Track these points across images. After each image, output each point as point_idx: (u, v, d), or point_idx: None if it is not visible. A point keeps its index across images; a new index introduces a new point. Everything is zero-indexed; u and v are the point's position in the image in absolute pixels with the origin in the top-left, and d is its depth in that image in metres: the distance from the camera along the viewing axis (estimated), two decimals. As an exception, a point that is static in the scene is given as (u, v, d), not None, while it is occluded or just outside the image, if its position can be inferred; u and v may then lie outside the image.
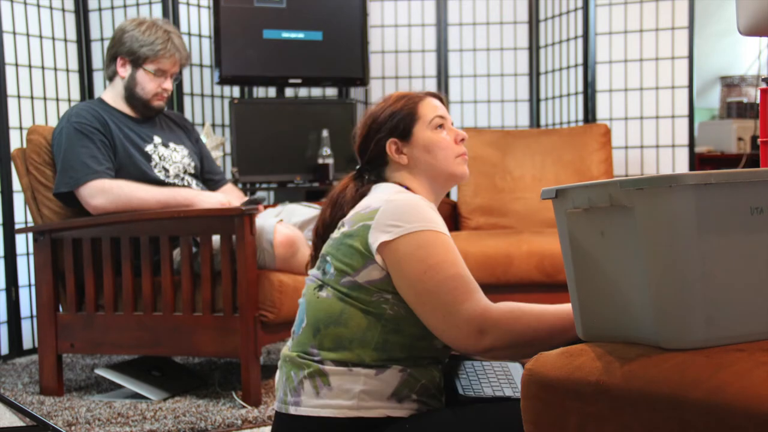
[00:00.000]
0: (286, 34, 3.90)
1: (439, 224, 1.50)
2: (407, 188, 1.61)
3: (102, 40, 3.99)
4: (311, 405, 1.48)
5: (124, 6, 3.95)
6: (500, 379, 1.62)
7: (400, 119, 1.63)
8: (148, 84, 2.85)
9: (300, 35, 3.92)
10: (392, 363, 1.48)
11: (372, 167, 1.66)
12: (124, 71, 2.86)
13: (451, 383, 1.57)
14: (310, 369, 1.49)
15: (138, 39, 2.83)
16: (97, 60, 4.01)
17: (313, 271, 1.58)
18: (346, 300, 1.48)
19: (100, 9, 3.98)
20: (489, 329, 1.41)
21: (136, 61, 2.84)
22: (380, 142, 1.63)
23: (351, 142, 1.73)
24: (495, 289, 3.18)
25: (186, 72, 4.01)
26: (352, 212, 1.55)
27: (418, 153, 1.62)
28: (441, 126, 1.64)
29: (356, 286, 1.48)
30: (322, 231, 1.63)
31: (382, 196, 1.55)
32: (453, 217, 3.73)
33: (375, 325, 1.47)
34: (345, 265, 1.49)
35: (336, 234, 1.54)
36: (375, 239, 1.46)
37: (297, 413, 1.49)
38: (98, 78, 4.01)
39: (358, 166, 1.70)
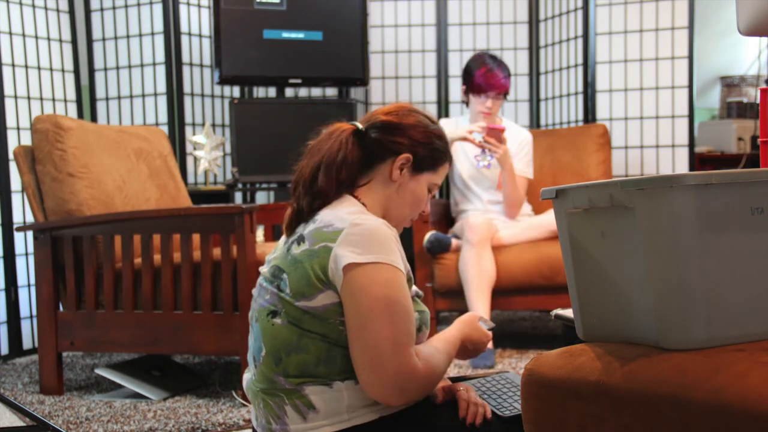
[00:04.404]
0: (286, 34, 3.90)
1: (400, 261, 1.45)
2: (363, 204, 1.55)
3: (103, 40, 3.99)
4: (301, 430, 1.44)
5: (125, 6, 3.95)
6: (514, 387, 1.62)
7: (434, 154, 1.58)
8: None
9: (300, 35, 3.92)
10: None
11: (372, 149, 1.56)
12: None
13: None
14: (288, 395, 1.44)
15: None
16: (98, 60, 4.01)
17: (264, 292, 1.49)
18: (302, 327, 1.43)
19: (101, 9, 3.98)
20: (409, 388, 1.39)
21: None
22: (402, 147, 1.55)
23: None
24: (493, 293, 3.18)
25: (186, 72, 4.02)
26: (312, 226, 1.47)
27: (403, 190, 1.57)
28: (431, 190, 1.63)
29: (311, 312, 1.42)
30: (309, 183, 1.52)
31: (346, 216, 1.45)
32: (446, 218, 3.71)
33: (334, 348, 1.43)
34: (302, 288, 1.42)
35: (294, 248, 1.46)
36: (341, 259, 1.39)
37: None
38: (99, 78, 4.01)
39: (362, 129, 1.57)
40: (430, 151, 1.58)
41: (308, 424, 1.43)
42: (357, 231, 1.41)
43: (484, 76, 3.38)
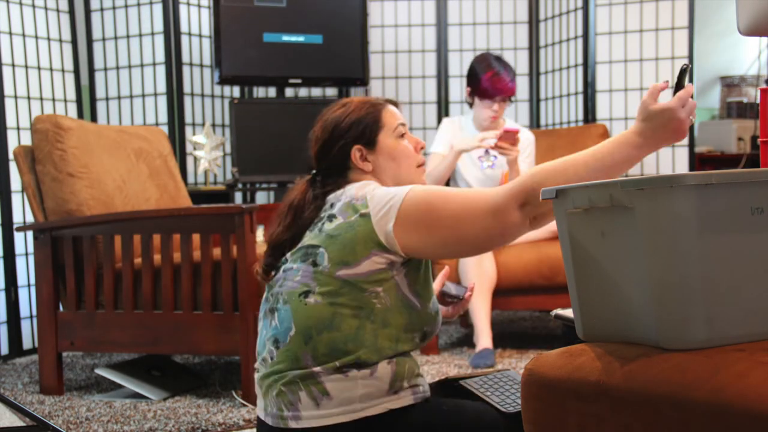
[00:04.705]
0: (286, 38, 3.90)
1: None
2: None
3: (103, 40, 3.99)
4: (313, 416, 1.47)
5: (125, 6, 3.95)
6: (516, 384, 1.64)
7: (366, 126, 1.64)
8: None
9: (300, 38, 3.92)
10: (382, 359, 1.50)
11: (331, 173, 1.65)
12: None
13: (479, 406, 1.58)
14: (304, 381, 1.48)
15: None
16: (98, 60, 4.01)
17: (292, 275, 1.54)
18: (336, 303, 1.48)
19: (101, 9, 3.98)
20: (529, 199, 1.42)
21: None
22: (344, 148, 1.63)
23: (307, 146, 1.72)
24: (493, 293, 3.18)
25: (186, 72, 4.02)
26: (340, 204, 1.55)
27: (382, 161, 1.64)
28: (402, 135, 1.66)
29: (350, 281, 1.48)
30: (284, 236, 1.61)
31: (367, 187, 1.56)
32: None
33: (365, 323, 1.49)
34: (346, 255, 1.49)
35: (327, 225, 1.53)
36: (385, 227, 1.47)
37: (299, 426, 1.49)
38: (99, 78, 4.01)
39: (314, 171, 1.69)
40: (361, 128, 1.64)
41: (321, 411, 1.47)
42: (378, 194, 1.52)
43: (491, 81, 3.36)
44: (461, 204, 1.46)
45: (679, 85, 1.41)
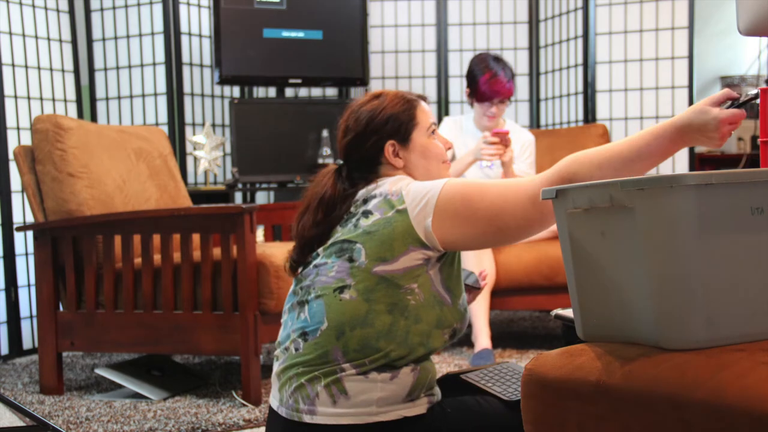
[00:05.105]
0: (286, 33, 3.90)
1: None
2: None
3: (103, 40, 3.99)
4: (328, 414, 1.47)
5: (125, 6, 3.95)
6: (516, 374, 1.66)
7: (402, 123, 1.62)
8: None
9: (300, 34, 3.92)
10: (409, 361, 1.50)
11: (362, 166, 1.63)
12: None
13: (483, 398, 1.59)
14: (327, 378, 1.48)
15: None
16: (98, 60, 4.01)
17: (327, 269, 1.53)
18: (372, 299, 1.48)
19: (101, 9, 3.98)
20: (571, 174, 1.42)
21: None
22: (378, 143, 1.62)
23: (337, 137, 1.69)
24: (493, 293, 3.18)
25: (186, 72, 4.02)
26: (375, 201, 1.54)
27: (414, 158, 1.63)
28: (433, 132, 1.66)
29: (387, 277, 1.48)
30: (315, 232, 1.58)
31: (402, 182, 1.56)
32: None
33: (398, 320, 1.49)
34: (384, 251, 1.48)
35: (363, 221, 1.52)
36: (423, 222, 1.47)
37: (313, 422, 1.48)
38: (99, 78, 4.01)
39: (341, 162, 1.66)
40: (396, 124, 1.62)
41: (337, 409, 1.47)
42: (412, 188, 1.52)
43: (488, 84, 3.36)
44: (499, 194, 1.46)
45: (741, 104, 1.42)
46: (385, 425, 1.47)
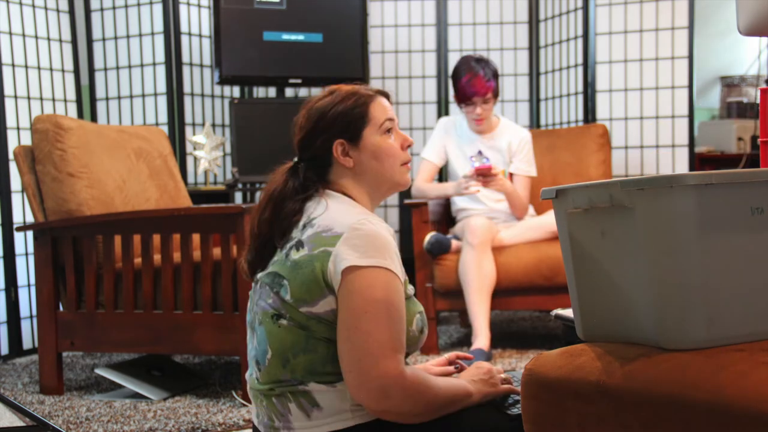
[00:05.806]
0: (286, 36, 3.90)
1: (398, 267, 1.44)
2: (349, 196, 1.54)
3: (103, 40, 3.99)
4: (305, 427, 1.43)
5: (125, 6, 3.95)
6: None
7: (351, 121, 1.53)
8: None
9: (300, 37, 3.92)
10: None
11: (313, 165, 1.56)
12: None
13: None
14: (294, 394, 1.44)
15: None
16: (98, 60, 4.01)
17: (265, 295, 1.47)
18: (308, 328, 1.42)
19: (101, 9, 3.98)
20: (394, 395, 1.36)
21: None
22: (327, 142, 1.54)
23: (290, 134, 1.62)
24: (493, 293, 3.18)
25: (186, 72, 4.02)
26: (310, 231, 1.45)
27: (365, 158, 1.54)
28: (389, 130, 1.57)
29: (315, 318, 1.41)
30: (265, 229, 1.52)
31: (344, 219, 1.44)
32: (446, 218, 3.70)
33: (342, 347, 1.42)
34: (303, 293, 1.41)
35: (294, 253, 1.45)
36: (341, 262, 1.39)
37: None
38: (99, 78, 4.01)
39: (295, 159, 1.60)
40: (346, 122, 1.54)
41: (312, 422, 1.43)
42: (357, 235, 1.40)
43: (467, 84, 3.35)
44: (377, 339, 1.36)
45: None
46: (363, 427, 1.43)
